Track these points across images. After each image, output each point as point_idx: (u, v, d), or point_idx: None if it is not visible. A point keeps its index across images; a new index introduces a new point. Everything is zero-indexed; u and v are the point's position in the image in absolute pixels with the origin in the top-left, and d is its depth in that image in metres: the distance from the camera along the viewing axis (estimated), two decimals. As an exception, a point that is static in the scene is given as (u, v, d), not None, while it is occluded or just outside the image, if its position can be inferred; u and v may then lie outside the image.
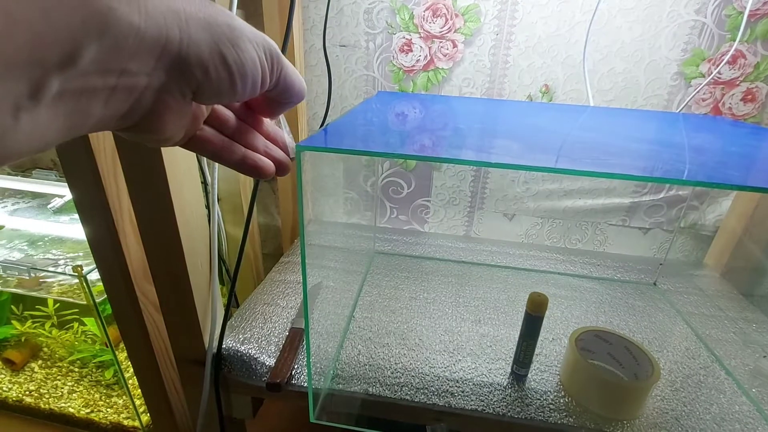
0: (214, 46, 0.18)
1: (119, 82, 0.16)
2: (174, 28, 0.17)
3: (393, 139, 0.41)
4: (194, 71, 0.18)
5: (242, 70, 0.20)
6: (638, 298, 0.66)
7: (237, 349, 0.52)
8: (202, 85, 0.19)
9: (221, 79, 0.19)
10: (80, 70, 0.15)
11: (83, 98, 0.16)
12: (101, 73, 0.15)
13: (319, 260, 0.73)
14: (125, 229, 0.52)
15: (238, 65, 0.19)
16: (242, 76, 0.20)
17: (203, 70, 0.18)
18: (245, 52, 0.20)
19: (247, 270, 0.84)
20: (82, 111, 0.16)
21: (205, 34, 0.18)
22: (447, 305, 0.62)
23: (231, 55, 0.19)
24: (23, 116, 0.14)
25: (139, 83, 0.17)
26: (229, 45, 0.19)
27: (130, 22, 0.15)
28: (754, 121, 0.69)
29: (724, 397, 0.47)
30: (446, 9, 0.68)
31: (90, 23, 0.14)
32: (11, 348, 0.83)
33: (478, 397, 0.46)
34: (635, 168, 0.35)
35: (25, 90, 0.13)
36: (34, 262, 0.67)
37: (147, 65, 0.17)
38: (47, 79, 0.14)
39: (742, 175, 0.36)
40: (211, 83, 0.19)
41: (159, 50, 0.17)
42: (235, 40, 0.19)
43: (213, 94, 0.20)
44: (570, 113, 0.61)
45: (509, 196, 0.81)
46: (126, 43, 0.15)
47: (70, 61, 0.14)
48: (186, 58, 0.18)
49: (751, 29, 0.64)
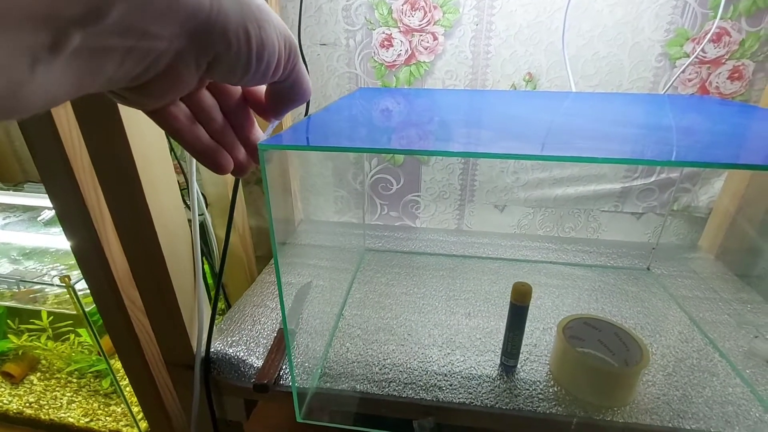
0: (241, 21, 0.18)
1: (138, 44, 0.16)
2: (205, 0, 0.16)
3: (366, 133, 0.41)
4: (216, 42, 0.18)
5: (261, 51, 0.19)
6: (631, 284, 0.66)
7: (225, 352, 0.52)
8: (220, 58, 0.19)
9: (240, 55, 0.19)
10: (102, 28, 0.14)
11: (99, 56, 0.15)
12: (122, 32, 0.15)
13: (308, 259, 0.73)
14: (108, 238, 0.52)
15: (258, 45, 0.19)
16: (259, 58, 0.19)
17: (225, 43, 0.18)
18: (268, 35, 0.19)
19: (241, 272, 0.84)
20: (96, 69, 0.15)
21: (236, 8, 0.18)
22: (438, 299, 0.62)
23: (255, 34, 0.19)
24: (39, 69, 0.13)
25: (158, 47, 0.16)
26: (255, 24, 0.18)
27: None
28: (742, 99, 0.68)
29: (717, 380, 0.47)
30: (424, 2, 0.68)
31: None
32: (10, 362, 0.83)
33: (467, 389, 0.45)
34: (622, 152, 0.35)
35: (46, 42, 0.13)
36: (24, 275, 0.67)
37: (171, 30, 0.16)
38: (69, 33, 0.13)
39: (732, 154, 0.35)
40: (229, 58, 0.19)
41: (186, 16, 0.16)
42: (261, 22, 0.19)
43: (226, 69, 0.19)
44: (554, 100, 0.61)
45: (499, 187, 0.80)
46: (155, 6, 0.15)
47: (95, 18, 0.13)
48: (211, 27, 0.17)
49: (734, 6, 0.63)
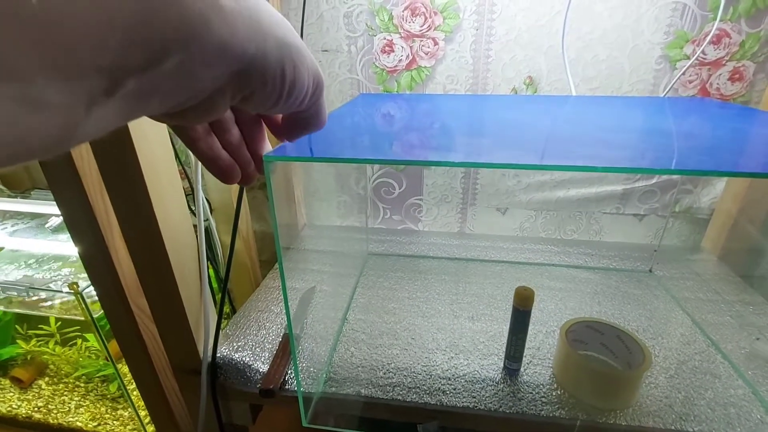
0: (280, 62, 0.19)
1: (184, 84, 0.16)
2: (253, 44, 0.17)
3: (368, 143, 0.41)
4: (254, 82, 0.19)
5: (292, 89, 0.20)
6: (634, 286, 0.66)
7: (231, 357, 0.52)
8: (254, 94, 0.19)
9: (274, 92, 0.20)
10: (158, 74, 0.15)
11: (148, 96, 0.16)
12: (173, 77, 0.16)
13: (312, 264, 0.73)
14: (116, 245, 0.53)
15: (291, 84, 0.20)
16: (289, 95, 0.21)
17: (262, 82, 0.19)
18: (301, 74, 0.20)
19: (245, 277, 0.85)
20: (143, 105, 0.16)
21: (276, 52, 0.19)
22: (441, 303, 0.62)
23: (290, 75, 0.20)
24: (94, 109, 0.14)
25: (203, 86, 0.17)
26: (292, 65, 0.20)
27: (219, 36, 0.15)
28: (743, 100, 0.69)
29: (720, 382, 0.47)
30: (424, 7, 0.68)
31: (183, 32, 0.14)
32: (18, 367, 0.84)
33: (470, 393, 0.46)
34: (622, 159, 0.35)
35: (104, 87, 0.14)
36: (33, 282, 0.68)
37: (216, 74, 0.17)
38: (126, 79, 0.14)
39: (731, 161, 0.35)
40: (263, 94, 0.20)
41: (234, 64, 0.17)
42: (297, 63, 0.20)
43: (258, 102, 0.20)
44: (554, 105, 0.61)
45: (501, 190, 0.81)
46: (208, 55, 0.16)
47: (152, 66, 0.14)
48: (253, 69, 0.18)
49: (733, 8, 0.63)
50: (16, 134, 0.12)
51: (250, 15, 0.17)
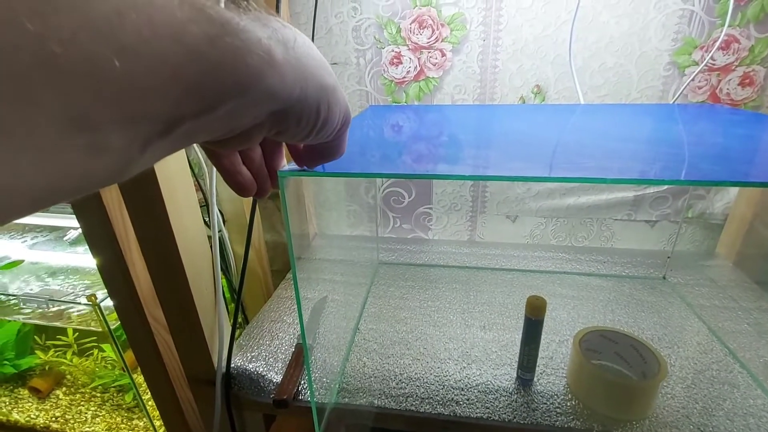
0: (316, 103, 0.20)
1: (231, 125, 0.17)
2: (297, 88, 0.18)
3: (380, 156, 0.42)
4: (290, 120, 0.20)
5: (324, 127, 0.21)
6: (647, 293, 0.65)
7: (245, 368, 0.53)
8: (289, 129, 0.20)
9: (306, 129, 0.21)
10: (210, 118, 0.16)
11: (196, 134, 0.17)
12: (224, 119, 0.16)
13: (324, 274, 0.74)
14: (133, 258, 0.54)
15: (323, 123, 0.21)
16: (319, 131, 0.22)
17: (297, 121, 0.20)
18: (333, 113, 0.21)
19: (257, 287, 0.86)
20: (191, 141, 0.17)
21: (315, 95, 0.20)
22: (452, 312, 0.62)
23: (324, 114, 0.21)
24: (149, 149, 0.15)
25: (244, 124, 0.18)
26: (326, 105, 0.21)
27: (269, 85, 0.16)
28: (754, 104, 0.68)
29: (738, 392, 0.46)
30: (432, 20, 0.69)
31: (239, 84, 0.15)
32: (37, 377, 0.86)
33: (484, 404, 0.46)
34: (631, 170, 0.35)
35: (160, 130, 0.14)
36: (52, 294, 0.70)
37: (260, 114, 0.18)
38: (182, 124, 0.15)
39: (746, 168, 0.35)
40: (296, 130, 0.21)
41: (277, 107, 0.18)
42: (331, 103, 0.21)
43: (290, 137, 0.21)
44: (562, 114, 0.61)
45: (510, 197, 0.81)
46: (257, 102, 0.17)
47: (207, 113, 0.15)
48: (291, 110, 0.19)
49: (741, 13, 0.63)
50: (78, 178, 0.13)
51: (299, 62, 0.18)
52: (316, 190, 0.87)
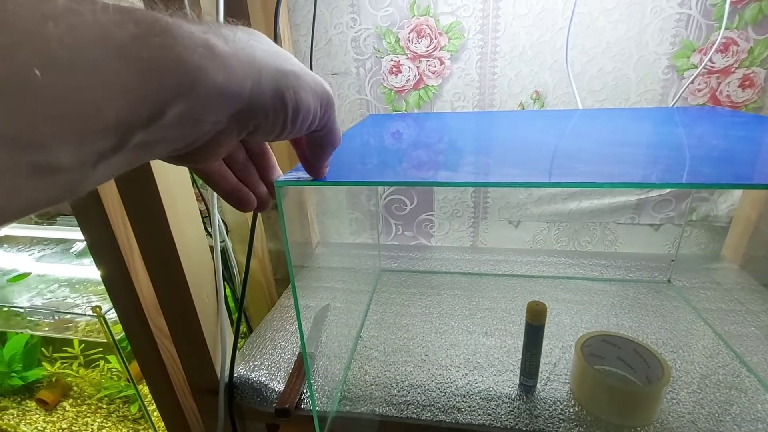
0: (278, 92, 0.19)
1: (190, 131, 0.17)
2: (248, 81, 0.18)
3: (381, 164, 0.42)
4: (257, 116, 0.19)
5: (296, 114, 0.20)
6: (652, 297, 0.65)
7: (248, 377, 0.53)
8: (259, 127, 0.20)
9: (277, 121, 0.20)
10: (163, 125, 0.15)
11: (155, 145, 0.16)
12: (177, 125, 0.16)
13: (326, 282, 0.74)
14: (136, 268, 0.55)
15: (294, 110, 0.20)
16: (294, 120, 0.21)
17: (264, 115, 0.19)
18: (303, 99, 0.20)
19: (261, 297, 0.86)
20: (148, 153, 0.17)
21: (272, 83, 0.19)
22: (454, 319, 0.62)
23: (291, 101, 0.20)
24: (101, 165, 0.14)
25: (205, 130, 0.18)
26: (292, 92, 0.20)
27: (215, 81, 0.16)
28: (755, 106, 0.68)
29: (745, 396, 0.46)
30: (430, 29, 0.70)
31: (181, 83, 0.15)
32: (44, 389, 0.87)
33: (486, 411, 0.45)
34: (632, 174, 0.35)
35: (111, 145, 0.14)
36: (58, 306, 0.71)
37: (218, 116, 0.18)
38: (133, 135, 0.14)
39: (748, 170, 0.35)
40: (267, 125, 0.20)
41: (233, 105, 0.18)
42: (297, 88, 0.20)
43: (264, 134, 0.21)
44: (560, 119, 0.61)
45: (512, 203, 0.81)
46: (208, 102, 0.16)
47: (156, 119, 0.15)
48: (253, 108, 0.18)
49: (739, 15, 0.63)
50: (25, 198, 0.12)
51: (245, 53, 0.17)
52: (318, 199, 0.88)
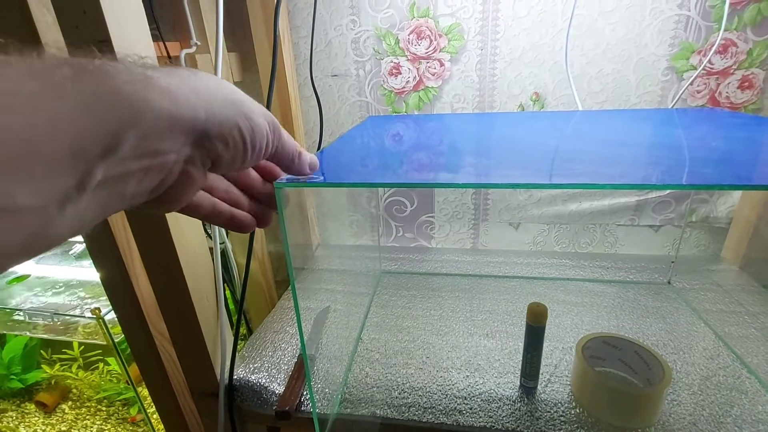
0: (233, 120, 0.20)
1: (153, 162, 0.18)
2: (201, 109, 0.19)
3: (381, 165, 0.42)
4: (216, 144, 0.20)
5: (253, 139, 0.22)
6: (652, 299, 0.65)
7: (248, 379, 0.53)
8: (222, 156, 0.21)
9: (237, 148, 0.21)
10: (120, 157, 0.16)
11: (121, 182, 0.17)
12: (138, 156, 0.17)
13: (326, 284, 0.74)
14: (135, 270, 0.55)
15: (251, 136, 0.22)
16: (253, 145, 0.22)
17: (224, 143, 0.20)
18: (257, 123, 0.22)
19: (261, 298, 0.86)
20: (119, 193, 0.17)
21: (227, 111, 0.20)
22: (455, 320, 0.62)
23: (246, 127, 0.21)
24: (68, 206, 0.14)
25: (170, 160, 0.19)
26: (245, 117, 0.21)
27: (162, 108, 0.17)
28: (755, 107, 0.68)
29: (746, 398, 0.45)
30: (429, 31, 0.70)
31: (128, 114, 0.15)
32: (43, 391, 0.86)
33: (487, 413, 0.45)
34: (631, 175, 0.35)
35: (72, 182, 0.14)
36: (57, 308, 0.71)
37: (177, 144, 0.18)
38: (92, 169, 0.15)
39: (748, 171, 0.35)
40: (229, 153, 0.21)
41: (188, 130, 0.18)
42: (249, 113, 0.22)
43: (228, 163, 0.22)
44: (560, 120, 0.61)
45: (513, 204, 0.81)
46: (160, 128, 0.17)
47: (111, 150, 0.15)
48: (209, 133, 0.20)
49: (738, 17, 0.63)
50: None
51: (189, 83, 0.18)
52: (318, 201, 0.88)
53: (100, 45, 0.36)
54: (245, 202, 0.29)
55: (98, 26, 0.35)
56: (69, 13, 0.36)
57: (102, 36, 0.35)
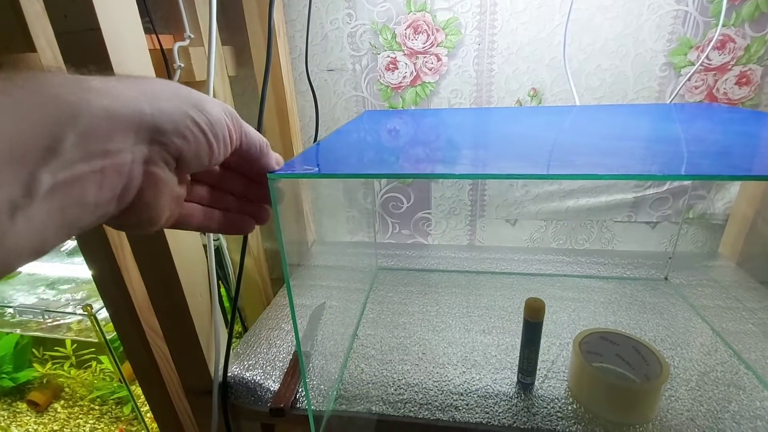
0: (184, 112, 0.20)
1: (105, 163, 0.17)
2: (144, 104, 0.18)
3: (374, 158, 0.42)
4: (172, 138, 0.20)
5: (213, 129, 0.21)
6: (649, 295, 0.64)
7: (242, 376, 0.52)
8: (183, 151, 0.20)
9: (198, 141, 0.21)
10: (65, 160, 0.15)
11: (76, 187, 0.16)
12: (86, 158, 0.16)
13: (322, 281, 0.73)
14: (127, 266, 0.54)
15: (209, 125, 0.21)
16: (215, 136, 0.22)
17: (181, 136, 0.20)
18: (212, 113, 0.21)
19: (256, 295, 0.85)
20: (78, 200, 0.16)
21: (174, 103, 0.20)
22: (451, 317, 0.61)
23: (200, 118, 0.21)
24: (19, 216, 0.14)
25: (125, 159, 0.18)
26: (196, 109, 0.21)
27: (101, 105, 0.16)
28: (752, 103, 0.68)
29: (744, 393, 0.45)
30: (427, 25, 0.70)
31: (63, 114, 0.15)
32: (35, 390, 0.85)
33: (484, 409, 0.45)
34: (628, 167, 0.35)
35: (17, 189, 0.14)
36: (48, 305, 0.70)
37: (126, 141, 0.18)
38: (36, 174, 0.14)
39: (746, 163, 0.35)
40: (190, 147, 0.21)
41: (135, 125, 0.18)
42: (200, 105, 0.21)
43: (194, 158, 0.21)
44: (558, 115, 0.61)
45: (509, 201, 0.80)
46: (101, 125, 0.16)
47: (52, 153, 0.15)
48: (161, 127, 0.19)
49: (736, 12, 0.63)
50: None
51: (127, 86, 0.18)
52: (314, 197, 0.87)
53: (89, 34, 0.35)
54: (237, 205, 0.29)
55: (87, 15, 0.34)
56: (57, 2, 0.35)
57: (91, 25, 0.35)
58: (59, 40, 0.37)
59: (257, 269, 0.83)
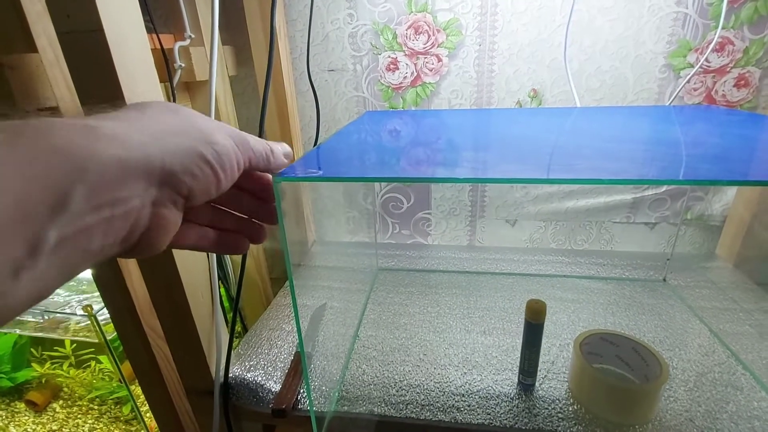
0: (193, 149, 0.19)
1: (114, 212, 0.16)
2: (153, 147, 0.18)
3: (376, 160, 0.42)
4: (182, 178, 0.19)
5: (221, 161, 0.21)
6: (648, 296, 0.65)
7: (244, 377, 0.52)
8: (192, 189, 0.20)
9: (207, 176, 0.20)
10: (73, 213, 0.15)
11: (82, 237, 0.15)
12: (95, 209, 0.15)
13: (323, 281, 0.73)
14: (128, 266, 0.54)
15: (216, 158, 0.21)
16: (222, 167, 0.21)
17: (190, 175, 0.19)
18: (220, 143, 0.21)
19: (256, 295, 0.85)
20: (82, 249, 0.16)
21: (183, 141, 0.19)
22: (452, 317, 0.62)
23: (209, 152, 0.20)
24: (23, 275, 0.13)
25: (134, 206, 0.17)
26: (206, 144, 0.20)
27: (111, 155, 0.16)
28: (750, 106, 0.68)
29: (742, 394, 0.46)
30: (427, 26, 0.70)
31: (71, 169, 0.14)
32: (33, 390, 0.85)
33: (485, 410, 0.45)
34: (628, 170, 0.35)
35: (22, 249, 0.13)
36: (47, 305, 0.69)
37: (137, 188, 0.17)
38: (43, 232, 0.14)
39: (743, 167, 0.35)
40: (198, 184, 0.20)
41: (145, 172, 0.17)
42: (209, 137, 0.20)
43: (202, 193, 0.21)
44: (558, 116, 0.61)
45: (509, 201, 0.81)
46: (111, 176, 0.16)
47: (60, 208, 0.14)
48: (171, 169, 0.18)
49: (735, 15, 0.63)
50: None
51: (135, 128, 0.18)
52: (315, 197, 0.87)
53: (92, 34, 0.35)
54: (234, 224, 0.29)
55: (90, 15, 0.34)
56: (60, 2, 0.35)
57: (94, 25, 0.34)
58: (61, 40, 0.37)
59: (257, 269, 0.83)
